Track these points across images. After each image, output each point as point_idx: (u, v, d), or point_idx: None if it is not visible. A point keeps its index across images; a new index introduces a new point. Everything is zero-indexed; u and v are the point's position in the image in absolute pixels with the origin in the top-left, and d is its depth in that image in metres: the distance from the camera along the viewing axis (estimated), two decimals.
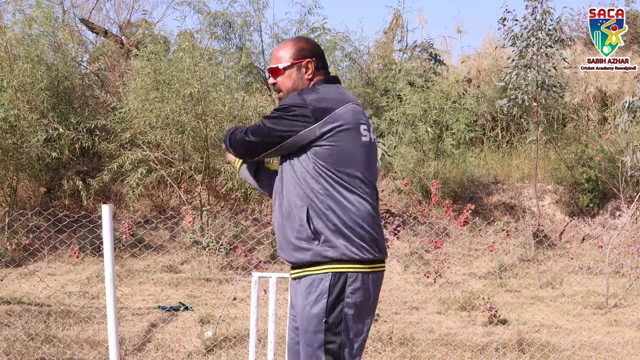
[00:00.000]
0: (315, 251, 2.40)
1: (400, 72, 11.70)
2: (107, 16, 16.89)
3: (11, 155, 8.76)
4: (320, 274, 2.41)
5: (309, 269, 2.43)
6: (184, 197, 8.90)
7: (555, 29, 9.12)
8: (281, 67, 2.60)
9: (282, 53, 2.63)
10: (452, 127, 10.42)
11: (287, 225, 2.46)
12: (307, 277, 2.43)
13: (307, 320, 2.42)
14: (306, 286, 2.43)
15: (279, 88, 2.62)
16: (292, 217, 2.44)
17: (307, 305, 2.42)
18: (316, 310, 2.40)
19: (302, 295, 2.44)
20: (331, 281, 2.40)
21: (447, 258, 7.73)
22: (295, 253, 2.44)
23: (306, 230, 2.40)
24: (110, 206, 3.60)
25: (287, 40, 2.68)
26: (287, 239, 2.46)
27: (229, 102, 9.28)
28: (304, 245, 2.41)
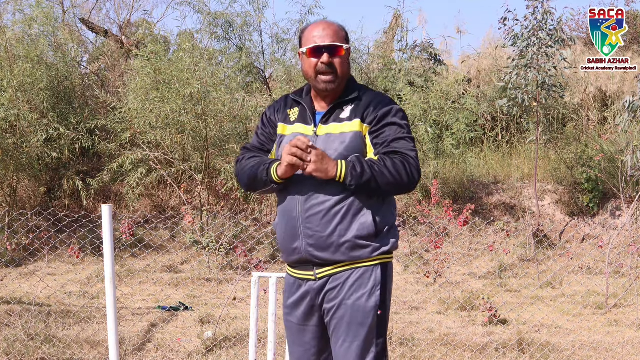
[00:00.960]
0: (373, 247, 2.40)
1: (400, 72, 11.70)
2: (107, 16, 16.91)
3: (11, 155, 8.76)
4: (370, 266, 2.41)
5: (358, 262, 2.41)
6: (184, 197, 8.90)
7: (556, 29, 9.12)
8: (345, 48, 2.44)
9: (339, 32, 2.45)
10: (452, 127, 10.42)
11: (343, 224, 2.37)
12: (355, 270, 2.41)
13: (363, 314, 2.40)
14: (355, 278, 2.41)
15: (336, 69, 2.42)
16: (352, 217, 2.37)
17: (360, 297, 2.40)
18: (372, 302, 2.40)
19: (353, 288, 2.40)
20: (382, 271, 2.43)
21: (447, 258, 7.73)
22: (352, 252, 2.39)
23: (368, 228, 2.38)
24: (110, 206, 3.59)
25: (328, 21, 2.49)
26: (343, 239, 2.38)
27: (229, 102, 9.28)
28: (364, 242, 2.39)
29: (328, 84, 2.42)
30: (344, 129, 2.42)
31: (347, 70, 2.46)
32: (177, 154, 9.22)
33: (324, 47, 2.40)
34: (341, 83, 2.46)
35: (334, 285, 2.43)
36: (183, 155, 9.21)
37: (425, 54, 12.50)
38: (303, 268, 2.49)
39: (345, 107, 2.46)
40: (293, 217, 2.43)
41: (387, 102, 2.45)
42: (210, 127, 8.94)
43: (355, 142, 2.40)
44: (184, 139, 9.05)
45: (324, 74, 2.41)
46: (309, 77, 2.47)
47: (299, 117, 2.52)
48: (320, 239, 2.39)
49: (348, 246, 2.38)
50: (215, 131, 9.08)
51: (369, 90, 2.51)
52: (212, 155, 9.15)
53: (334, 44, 2.40)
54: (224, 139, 9.36)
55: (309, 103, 2.51)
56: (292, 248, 2.47)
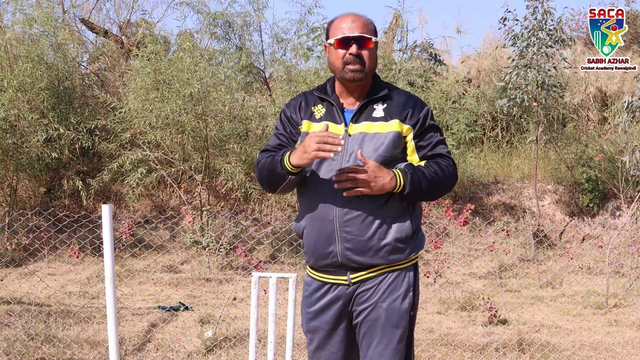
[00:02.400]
0: (410, 249, 2.41)
1: (400, 72, 11.70)
2: (107, 16, 16.89)
3: (11, 155, 8.76)
4: (403, 268, 2.42)
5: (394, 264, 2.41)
6: (184, 197, 8.90)
7: (556, 29, 9.12)
8: (374, 40, 2.38)
9: (369, 24, 2.39)
10: (452, 127, 10.41)
11: (382, 227, 2.35)
12: (390, 273, 2.40)
13: (397, 317, 2.38)
14: (390, 281, 2.40)
15: (364, 61, 2.35)
16: (391, 220, 2.35)
17: (395, 300, 2.39)
18: (406, 305, 2.40)
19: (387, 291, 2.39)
20: (414, 273, 2.46)
21: (447, 258, 7.73)
22: (390, 255, 2.38)
23: (407, 231, 2.37)
24: (110, 206, 3.59)
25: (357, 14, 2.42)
26: (382, 242, 2.36)
27: (229, 102, 9.28)
28: (402, 245, 2.38)
29: (356, 73, 2.35)
30: (380, 129, 2.36)
31: (374, 63, 2.40)
32: (177, 154, 9.22)
33: (353, 38, 2.34)
34: (369, 76, 2.40)
35: (366, 288, 2.41)
36: (183, 155, 9.21)
37: (425, 54, 12.50)
38: (335, 272, 2.43)
39: (376, 105, 2.40)
40: (329, 220, 2.36)
41: (422, 102, 2.46)
42: (210, 127, 8.94)
43: (396, 143, 2.36)
44: (184, 139, 9.05)
45: (352, 63, 2.34)
46: (336, 68, 2.39)
47: (325, 115, 2.44)
48: (359, 243, 2.35)
49: (387, 250, 2.36)
50: (215, 131, 9.08)
51: (396, 88, 2.47)
52: (212, 155, 9.15)
53: (363, 35, 2.34)
54: (224, 139, 9.36)
55: (336, 100, 2.44)
56: (326, 252, 2.40)
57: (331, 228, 2.37)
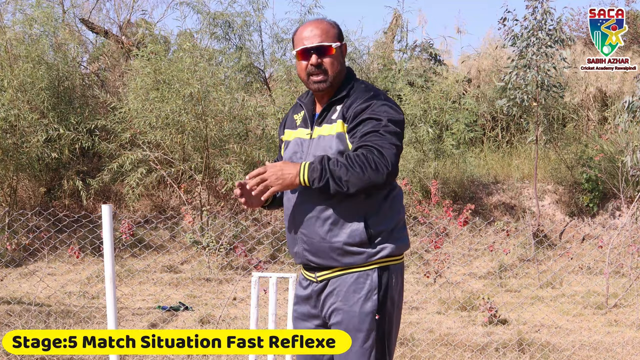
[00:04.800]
0: (368, 254, 2.35)
1: (400, 72, 11.71)
2: (107, 16, 16.90)
3: (11, 155, 8.76)
4: (365, 270, 2.37)
5: (353, 266, 2.37)
6: (184, 197, 8.90)
7: (556, 29, 9.12)
8: (334, 47, 2.37)
9: (328, 30, 2.39)
10: (452, 127, 10.42)
11: (333, 231, 2.35)
12: (349, 275, 2.38)
13: (358, 318, 2.37)
14: (349, 283, 2.37)
15: (326, 69, 2.37)
16: (343, 223, 2.34)
17: (356, 302, 2.37)
18: (368, 307, 2.36)
19: (348, 292, 2.38)
20: (379, 275, 2.37)
21: (447, 258, 7.73)
22: (343, 258, 2.36)
23: (360, 235, 2.33)
24: (110, 206, 3.59)
25: (320, 19, 2.44)
26: (333, 245, 2.35)
27: (229, 102, 9.28)
28: (356, 249, 2.34)
29: (319, 84, 2.39)
30: (330, 130, 2.38)
31: (338, 68, 2.40)
32: (177, 154, 9.22)
33: (312, 49, 2.36)
34: (334, 82, 2.41)
35: (331, 290, 2.42)
36: (183, 155, 9.21)
37: (425, 54, 12.50)
38: (308, 270, 2.50)
39: (337, 106, 2.42)
40: (291, 222, 2.45)
41: (369, 97, 2.34)
42: (210, 127, 8.94)
43: (339, 143, 2.35)
44: (184, 139, 9.05)
45: (314, 74, 2.38)
46: (302, 79, 2.45)
47: (301, 121, 2.51)
48: (313, 245, 2.39)
49: (339, 252, 2.35)
50: (215, 131, 9.08)
51: (359, 87, 2.43)
52: (212, 155, 9.15)
53: (321, 44, 2.35)
54: (224, 139, 9.36)
55: (309, 106, 2.50)
56: (294, 252, 2.49)
57: (294, 230, 2.44)
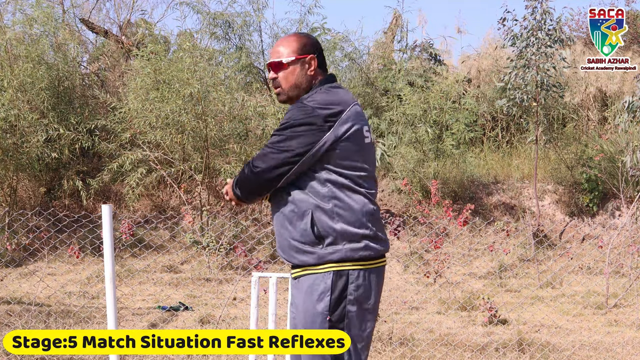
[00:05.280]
0: (319, 255, 2.40)
1: (400, 72, 11.71)
2: (107, 16, 16.90)
3: (11, 155, 8.76)
4: (321, 273, 2.41)
5: (311, 268, 2.42)
6: (184, 197, 8.90)
7: (555, 29, 9.12)
8: (285, 62, 2.51)
9: (284, 47, 2.54)
10: (452, 127, 10.41)
11: (288, 228, 2.44)
12: (309, 276, 2.43)
13: (311, 318, 2.42)
14: (308, 285, 2.43)
15: (280, 83, 2.53)
16: (295, 221, 2.42)
17: (309, 302, 2.42)
18: (320, 308, 2.40)
19: (304, 294, 2.44)
20: (333, 279, 2.40)
21: (447, 258, 7.73)
22: (298, 255, 2.43)
23: (309, 235, 2.39)
24: (110, 206, 3.59)
25: (289, 35, 2.59)
26: (289, 242, 2.45)
27: (229, 102, 9.28)
28: (308, 248, 2.41)
29: (278, 96, 2.58)
30: None
31: (293, 82, 2.53)
32: (177, 154, 9.22)
33: (269, 65, 2.56)
34: (290, 94, 2.55)
35: (295, 289, 2.51)
36: (183, 155, 9.21)
37: (425, 54, 12.50)
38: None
39: None
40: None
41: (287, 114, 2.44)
42: (210, 127, 8.94)
43: None
44: (184, 139, 9.05)
45: (274, 87, 2.58)
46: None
47: None
48: (279, 243, 2.52)
49: (294, 250, 2.44)
50: (215, 131, 9.08)
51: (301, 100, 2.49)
52: (212, 155, 9.15)
53: (273, 60, 2.53)
54: (224, 139, 9.36)
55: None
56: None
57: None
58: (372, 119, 10.84)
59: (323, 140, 2.35)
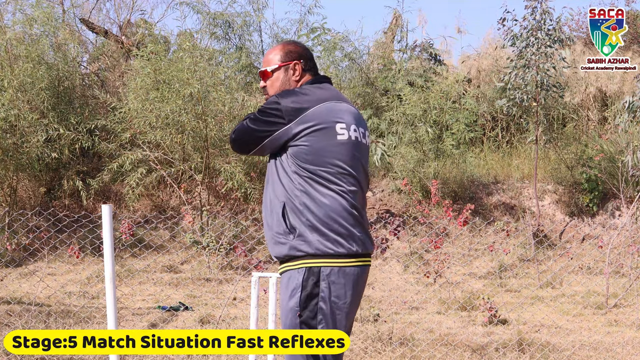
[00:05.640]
0: (290, 245, 2.48)
1: (400, 72, 11.70)
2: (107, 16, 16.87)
3: (11, 155, 8.75)
4: (295, 269, 2.49)
5: (288, 264, 2.52)
6: (184, 197, 8.90)
7: (555, 29, 9.12)
8: (269, 70, 2.71)
9: (271, 57, 2.73)
10: (452, 127, 10.41)
11: (269, 219, 2.57)
12: (286, 272, 2.52)
13: (285, 313, 2.51)
14: (285, 281, 2.53)
15: (267, 91, 2.73)
16: (273, 212, 2.54)
17: (284, 299, 2.51)
18: (291, 304, 2.48)
19: (282, 290, 2.54)
20: (304, 276, 2.46)
21: (447, 258, 7.73)
22: (275, 246, 2.54)
23: (282, 225, 2.50)
24: (110, 206, 3.59)
25: (277, 44, 2.78)
26: (269, 233, 2.57)
27: (229, 102, 9.28)
28: (282, 239, 2.51)
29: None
30: None
31: (280, 86, 2.70)
32: (177, 154, 9.22)
33: (259, 75, 2.76)
34: None
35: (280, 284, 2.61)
36: (183, 155, 9.21)
37: (425, 54, 12.50)
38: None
39: None
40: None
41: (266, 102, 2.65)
42: (210, 127, 8.94)
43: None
44: (184, 139, 9.05)
45: (264, 95, 2.76)
46: None
47: None
48: (266, 235, 2.63)
49: (273, 242, 2.54)
50: (215, 131, 9.08)
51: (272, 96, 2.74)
52: (212, 155, 9.15)
53: (260, 70, 2.74)
54: (224, 139, 9.36)
55: None
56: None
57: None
58: (372, 119, 10.84)
59: (281, 131, 2.50)
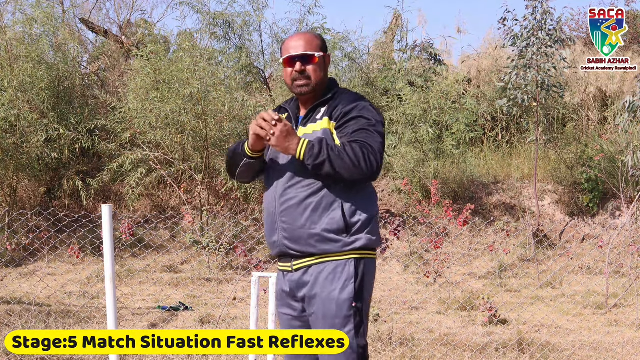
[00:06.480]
0: (344, 242, 2.47)
1: (400, 72, 11.70)
2: (107, 16, 16.90)
3: (11, 155, 8.75)
4: (343, 260, 2.48)
5: (327, 256, 2.48)
6: (184, 197, 8.90)
7: (556, 29, 9.12)
8: (317, 55, 2.58)
9: (309, 43, 2.59)
10: (452, 127, 10.41)
11: (312, 218, 2.47)
12: (326, 264, 2.48)
13: (337, 305, 2.46)
14: (329, 272, 2.48)
15: (309, 76, 2.57)
16: (322, 210, 2.47)
17: (333, 291, 2.47)
18: (345, 295, 2.46)
19: (325, 282, 2.48)
20: (355, 265, 2.48)
21: (447, 258, 7.73)
22: (321, 244, 2.47)
23: (338, 223, 2.46)
24: (110, 206, 3.59)
25: (303, 33, 2.65)
26: (311, 232, 2.47)
27: (229, 102, 9.28)
28: (333, 237, 2.46)
29: (302, 87, 2.58)
30: (315, 127, 2.56)
31: (321, 76, 2.61)
32: (177, 154, 9.22)
33: (297, 57, 2.56)
34: (317, 88, 2.61)
35: (309, 279, 2.52)
36: (183, 155, 9.21)
37: (425, 54, 12.50)
38: (284, 260, 2.60)
39: (321, 109, 2.61)
40: (271, 211, 2.58)
41: (354, 99, 2.56)
42: (210, 127, 8.94)
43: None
44: (184, 139, 9.05)
45: (298, 80, 2.57)
46: (287, 85, 2.66)
47: None
48: (292, 231, 2.50)
49: (317, 239, 2.47)
50: (215, 131, 9.08)
51: (345, 91, 2.64)
52: (212, 155, 9.15)
53: (305, 53, 2.56)
54: (224, 139, 9.36)
55: (294, 109, 2.69)
56: (272, 242, 2.60)
57: (273, 219, 2.56)
58: None
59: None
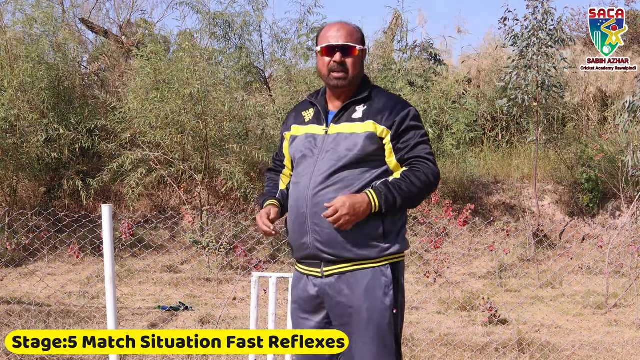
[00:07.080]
0: (382, 248, 2.43)
1: (400, 72, 11.70)
2: (107, 16, 16.89)
3: (11, 155, 8.75)
4: (380, 266, 2.43)
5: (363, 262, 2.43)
6: (184, 197, 8.90)
7: (556, 29, 9.11)
8: (358, 49, 2.51)
9: (354, 33, 2.51)
10: (452, 127, 10.41)
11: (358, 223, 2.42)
12: (364, 271, 2.42)
13: (379, 314, 2.41)
14: (369, 279, 2.42)
15: (348, 68, 2.49)
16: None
17: (374, 299, 2.41)
18: (387, 302, 2.42)
19: (366, 289, 2.41)
20: (392, 271, 2.45)
21: (447, 258, 7.73)
22: (358, 250, 2.41)
23: (378, 230, 2.41)
24: (110, 206, 3.59)
25: (345, 22, 2.54)
26: (348, 236, 2.40)
27: (229, 102, 9.28)
28: (372, 243, 2.42)
29: (339, 80, 2.48)
30: (356, 129, 2.45)
31: (359, 70, 2.53)
32: (177, 154, 9.22)
33: (337, 47, 2.46)
34: (353, 82, 2.52)
35: (345, 287, 2.44)
36: (183, 155, 9.21)
37: (425, 54, 12.50)
38: (310, 264, 2.51)
39: (357, 107, 2.51)
40: (302, 212, 2.47)
41: (403, 105, 2.50)
42: (210, 127, 8.94)
43: (370, 143, 2.44)
44: (184, 139, 9.05)
45: (336, 71, 2.47)
46: (322, 75, 2.53)
47: (313, 118, 2.59)
48: (327, 235, 2.42)
49: (354, 244, 2.41)
50: (215, 131, 9.08)
51: (382, 92, 2.56)
52: (212, 155, 9.15)
53: (347, 44, 2.46)
54: (224, 139, 9.36)
55: (323, 103, 2.58)
56: (300, 243, 2.50)
57: (304, 220, 2.47)
58: None
59: None
